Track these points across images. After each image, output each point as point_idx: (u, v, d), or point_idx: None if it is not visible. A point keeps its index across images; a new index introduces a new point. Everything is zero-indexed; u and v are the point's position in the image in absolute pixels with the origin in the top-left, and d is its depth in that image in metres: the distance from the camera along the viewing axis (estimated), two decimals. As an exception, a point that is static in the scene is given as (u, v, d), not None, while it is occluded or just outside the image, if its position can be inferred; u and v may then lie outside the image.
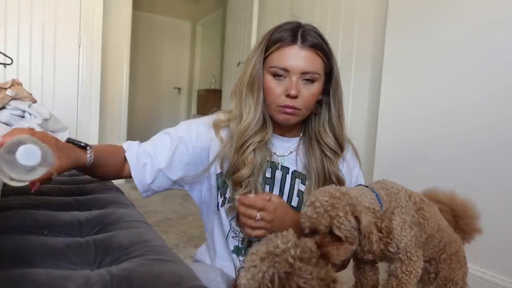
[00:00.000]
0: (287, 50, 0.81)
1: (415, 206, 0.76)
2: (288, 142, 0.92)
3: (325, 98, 0.88)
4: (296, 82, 0.80)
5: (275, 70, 0.81)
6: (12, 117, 1.63)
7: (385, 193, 0.76)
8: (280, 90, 0.82)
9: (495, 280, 1.45)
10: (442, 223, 0.81)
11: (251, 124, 0.84)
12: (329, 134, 0.88)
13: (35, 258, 0.52)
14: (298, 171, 0.90)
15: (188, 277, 0.50)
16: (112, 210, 0.74)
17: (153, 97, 5.48)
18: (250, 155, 0.84)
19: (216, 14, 5.09)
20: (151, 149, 0.88)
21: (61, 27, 2.62)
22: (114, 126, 3.26)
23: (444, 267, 0.82)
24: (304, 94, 0.82)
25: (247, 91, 0.85)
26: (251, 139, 0.84)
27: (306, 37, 0.81)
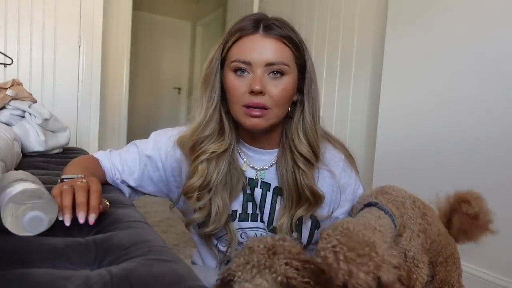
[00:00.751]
0: (248, 40, 0.71)
1: (419, 211, 0.75)
2: (269, 154, 0.82)
3: (300, 98, 0.77)
4: (261, 76, 0.70)
5: (236, 64, 0.71)
6: (12, 117, 1.63)
7: (394, 207, 0.71)
8: (244, 87, 0.71)
9: (495, 280, 1.45)
10: (441, 226, 0.81)
11: (200, 125, 0.74)
12: (302, 140, 0.76)
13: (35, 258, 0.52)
14: (279, 187, 0.81)
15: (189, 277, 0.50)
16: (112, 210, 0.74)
17: (153, 97, 5.48)
18: (202, 164, 0.74)
19: (216, 14, 5.09)
20: (120, 165, 0.85)
21: (61, 27, 2.62)
22: (114, 126, 3.26)
23: (441, 270, 0.82)
24: (272, 90, 0.70)
25: (201, 91, 0.76)
26: (203, 145, 0.74)
27: (270, 25, 0.71)
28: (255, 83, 0.69)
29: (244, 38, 0.71)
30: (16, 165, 1.24)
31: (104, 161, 0.86)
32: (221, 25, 4.75)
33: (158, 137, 0.85)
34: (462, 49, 1.58)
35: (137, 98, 5.03)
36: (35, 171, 1.13)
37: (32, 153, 1.56)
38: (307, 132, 0.76)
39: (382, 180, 1.93)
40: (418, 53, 1.78)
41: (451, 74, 1.63)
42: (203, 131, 0.74)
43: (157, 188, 0.87)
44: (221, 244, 0.85)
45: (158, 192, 0.89)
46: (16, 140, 1.40)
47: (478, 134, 1.51)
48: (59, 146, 1.72)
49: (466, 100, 1.56)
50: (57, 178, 1.12)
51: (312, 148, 0.76)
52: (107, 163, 0.85)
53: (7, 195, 0.53)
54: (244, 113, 0.72)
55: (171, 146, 0.83)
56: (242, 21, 0.73)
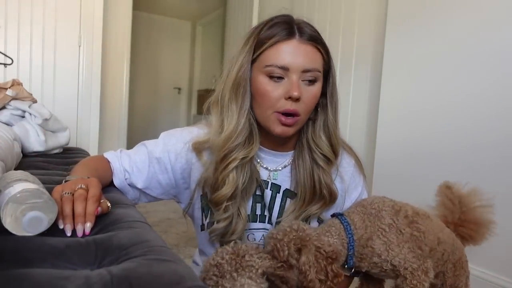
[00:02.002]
0: (285, 45, 0.70)
1: (406, 220, 0.74)
2: (282, 156, 0.82)
3: (322, 101, 0.77)
4: (298, 82, 0.69)
5: (271, 69, 0.70)
6: (12, 117, 1.63)
7: (360, 219, 0.74)
8: (279, 92, 0.70)
9: (495, 280, 1.45)
10: (442, 235, 0.79)
11: (233, 134, 0.72)
12: (323, 139, 0.77)
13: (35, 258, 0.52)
14: (290, 190, 0.82)
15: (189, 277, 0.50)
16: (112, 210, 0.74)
17: (153, 97, 5.48)
18: (232, 173, 0.73)
19: (216, 14, 5.09)
20: (129, 167, 0.82)
21: (61, 27, 2.62)
22: (114, 126, 3.25)
23: (450, 276, 0.81)
24: (305, 97, 0.71)
25: (231, 96, 0.73)
26: (233, 153, 0.72)
27: (303, 29, 0.71)
28: (294, 89, 0.68)
29: (280, 43, 0.70)
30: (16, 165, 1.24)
31: (114, 162, 0.82)
32: (221, 25, 4.75)
33: (167, 139, 0.83)
34: (462, 49, 1.58)
35: (137, 98, 5.03)
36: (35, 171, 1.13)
37: (32, 153, 1.56)
38: (330, 133, 0.77)
39: (382, 180, 1.93)
40: (418, 53, 1.78)
41: (451, 74, 1.63)
42: (235, 140, 0.72)
43: (164, 190, 0.85)
44: None
45: (165, 195, 0.87)
46: (16, 140, 1.40)
47: (478, 134, 1.51)
48: (59, 146, 1.72)
49: (466, 100, 1.56)
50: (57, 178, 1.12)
51: (332, 147, 0.77)
52: (117, 164, 0.82)
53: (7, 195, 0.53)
54: (275, 120, 0.71)
55: (181, 147, 0.80)
56: (274, 25, 0.72)
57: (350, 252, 0.73)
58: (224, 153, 0.73)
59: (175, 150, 0.80)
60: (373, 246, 0.71)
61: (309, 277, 0.62)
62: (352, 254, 0.73)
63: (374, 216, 0.73)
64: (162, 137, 0.85)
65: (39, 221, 0.53)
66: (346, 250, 0.72)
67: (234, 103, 0.73)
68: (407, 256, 0.70)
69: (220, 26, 4.91)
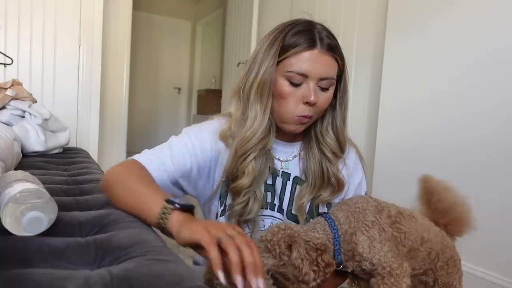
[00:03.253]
0: (307, 54, 0.76)
1: (389, 219, 0.76)
2: (291, 147, 0.89)
3: (332, 101, 0.84)
4: (315, 88, 0.77)
5: (292, 75, 0.76)
6: (12, 117, 1.63)
7: (344, 215, 0.77)
8: (297, 97, 0.77)
9: (495, 280, 1.45)
10: (428, 234, 0.79)
11: (256, 132, 0.78)
12: (330, 135, 0.85)
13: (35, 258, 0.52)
14: (299, 178, 0.87)
15: (188, 277, 0.50)
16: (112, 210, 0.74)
17: (153, 97, 5.48)
18: (251, 163, 0.79)
19: (216, 14, 5.09)
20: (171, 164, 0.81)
21: (61, 27, 2.62)
22: (114, 126, 3.25)
23: (442, 274, 0.82)
24: (320, 101, 0.78)
25: (256, 96, 0.79)
26: (252, 145, 0.79)
27: (324, 39, 0.77)
28: (311, 95, 0.76)
29: (303, 52, 0.76)
30: (16, 165, 1.24)
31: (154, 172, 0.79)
32: (221, 25, 4.76)
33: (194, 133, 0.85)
34: (462, 49, 1.58)
35: (137, 98, 5.03)
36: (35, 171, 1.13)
37: (32, 153, 1.56)
38: (337, 131, 0.85)
39: (382, 179, 1.93)
40: (418, 53, 1.78)
41: (451, 74, 1.63)
42: (257, 137, 0.79)
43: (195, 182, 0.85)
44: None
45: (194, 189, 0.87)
46: (16, 140, 1.40)
47: (478, 133, 1.51)
48: (59, 146, 1.72)
49: (466, 100, 1.56)
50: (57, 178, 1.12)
51: (339, 143, 0.85)
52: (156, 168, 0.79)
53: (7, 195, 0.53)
54: (294, 121, 0.79)
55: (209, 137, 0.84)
56: (298, 33, 0.77)
57: (337, 247, 0.75)
58: (246, 149, 0.79)
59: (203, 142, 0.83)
60: (356, 242, 0.73)
61: (303, 270, 0.65)
62: (339, 249, 0.75)
63: (358, 213, 0.76)
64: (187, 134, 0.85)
65: (39, 221, 0.53)
66: (332, 245, 0.75)
67: (258, 103, 0.79)
68: (387, 255, 0.71)
69: (220, 26, 4.91)
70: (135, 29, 3.81)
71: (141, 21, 4.95)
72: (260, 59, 0.79)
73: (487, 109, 1.48)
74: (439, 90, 1.68)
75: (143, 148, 0.88)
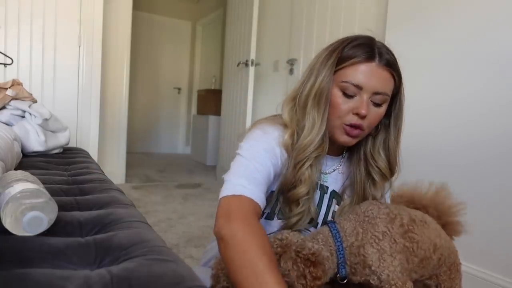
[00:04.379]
0: (364, 66, 0.76)
1: (401, 229, 0.73)
2: (332, 160, 0.88)
3: (385, 120, 0.83)
4: (368, 101, 0.76)
5: (346, 85, 0.76)
6: (12, 117, 1.63)
7: (351, 226, 0.72)
8: (348, 107, 0.77)
9: (495, 280, 1.45)
10: (439, 240, 0.78)
11: (314, 140, 0.78)
12: (382, 157, 0.84)
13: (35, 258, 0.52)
14: (336, 192, 0.87)
15: (188, 277, 0.50)
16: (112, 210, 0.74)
17: (153, 97, 5.48)
18: (307, 171, 0.79)
19: (216, 14, 5.09)
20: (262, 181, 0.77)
21: (61, 27, 2.62)
22: (114, 126, 3.26)
23: (445, 279, 0.81)
24: (371, 115, 0.77)
25: (313, 104, 0.79)
26: (309, 154, 0.78)
27: (383, 54, 0.78)
28: (363, 108, 0.75)
29: (360, 63, 0.76)
30: (16, 165, 1.24)
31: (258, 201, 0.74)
32: (221, 25, 4.76)
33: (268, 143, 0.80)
34: (463, 49, 1.58)
35: (137, 98, 5.03)
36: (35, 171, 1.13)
37: (32, 153, 1.56)
38: (390, 152, 0.84)
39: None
40: (418, 53, 1.78)
41: (451, 74, 1.63)
42: (315, 144, 0.78)
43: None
44: None
45: None
46: (16, 140, 1.40)
47: (479, 133, 1.51)
48: (59, 146, 1.72)
49: (467, 100, 1.56)
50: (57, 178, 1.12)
51: (390, 165, 0.85)
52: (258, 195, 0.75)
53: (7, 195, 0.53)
54: (342, 130, 0.78)
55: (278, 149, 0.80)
56: (358, 45, 0.79)
57: (340, 260, 0.71)
58: (303, 157, 0.78)
59: (275, 154, 0.80)
60: (365, 254, 0.70)
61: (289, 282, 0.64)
62: (343, 262, 0.71)
63: (367, 223, 0.72)
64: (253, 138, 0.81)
65: (39, 221, 0.53)
66: (335, 258, 0.71)
67: (316, 112, 0.78)
68: (396, 269, 0.69)
69: (220, 26, 4.92)
70: (135, 29, 3.82)
71: (141, 21, 4.96)
72: (317, 69, 0.80)
73: (488, 109, 1.48)
74: (439, 90, 1.68)
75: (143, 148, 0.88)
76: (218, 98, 4.04)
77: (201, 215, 2.53)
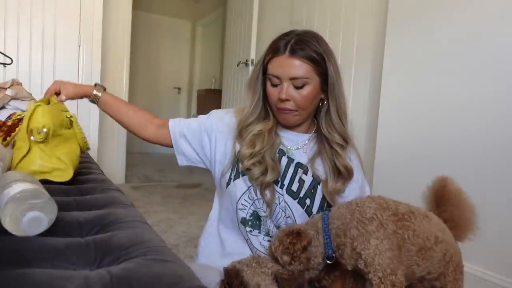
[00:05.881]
0: (277, 59, 0.91)
1: (394, 217, 0.74)
2: (298, 136, 1.01)
3: (325, 96, 0.96)
4: (287, 87, 0.91)
5: (270, 77, 0.93)
6: (12, 117, 1.63)
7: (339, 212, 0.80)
8: (276, 94, 0.93)
9: (495, 280, 1.45)
10: (442, 235, 0.78)
11: (250, 115, 0.97)
12: (334, 130, 0.96)
13: (35, 258, 0.52)
14: (301, 163, 0.99)
15: (188, 277, 0.50)
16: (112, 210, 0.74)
17: (153, 97, 5.48)
18: (250, 138, 0.95)
19: (216, 14, 5.09)
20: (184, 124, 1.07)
21: (61, 27, 2.62)
22: (114, 126, 3.25)
23: (451, 280, 0.80)
24: (295, 97, 0.91)
25: (248, 90, 1.00)
26: (250, 127, 0.96)
27: (295, 49, 0.90)
28: (282, 94, 0.91)
29: (275, 57, 0.92)
30: (16, 165, 1.24)
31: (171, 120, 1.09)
32: (221, 25, 4.75)
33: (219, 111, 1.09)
34: (463, 49, 1.58)
35: (137, 98, 5.02)
36: (35, 171, 1.13)
37: (32, 153, 1.55)
38: (334, 125, 0.96)
39: (382, 180, 1.93)
40: (418, 53, 1.78)
41: (452, 74, 1.63)
42: (251, 116, 0.97)
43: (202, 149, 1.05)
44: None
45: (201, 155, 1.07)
46: (16, 140, 1.40)
47: (478, 134, 1.51)
48: (59, 146, 1.71)
49: (467, 100, 1.56)
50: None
51: (342, 136, 0.97)
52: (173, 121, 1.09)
53: (6, 195, 0.53)
54: (277, 111, 0.96)
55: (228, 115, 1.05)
56: (276, 41, 0.94)
57: (327, 241, 0.77)
58: (242, 126, 0.98)
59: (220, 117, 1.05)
60: (351, 237, 0.74)
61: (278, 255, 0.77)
62: (329, 242, 0.77)
63: (356, 210, 0.76)
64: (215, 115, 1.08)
65: (39, 221, 0.53)
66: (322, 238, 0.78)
67: (251, 95, 0.99)
68: (384, 254, 0.69)
69: (220, 26, 4.91)
70: (135, 29, 3.81)
71: (141, 21, 4.95)
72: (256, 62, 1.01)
73: (488, 109, 1.48)
74: (439, 91, 1.68)
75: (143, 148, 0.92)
76: (218, 98, 4.04)
77: (201, 215, 2.53)
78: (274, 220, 0.96)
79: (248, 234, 0.97)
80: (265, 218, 0.96)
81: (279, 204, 0.95)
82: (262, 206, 0.96)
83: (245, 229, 0.97)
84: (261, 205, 0.96)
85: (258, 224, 0.97)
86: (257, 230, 0.97)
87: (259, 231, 0.97)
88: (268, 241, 0.97)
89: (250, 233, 0.97)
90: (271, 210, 0.95)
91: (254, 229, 0.97)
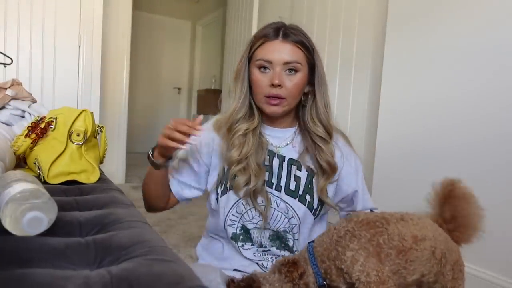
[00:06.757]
0: (270, 44, 0.89)
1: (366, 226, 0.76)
2: (283, 132, 0.99)
3: (311, 89, 0.95)
4: (279, 72, 0.88)
5: (260, 62, 0.90)
6: (12, 117, 1.63)
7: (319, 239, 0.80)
8: (266, 81, 0.89)
9: (495, 280, 1.45)
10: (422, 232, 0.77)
11: (235, 109, 0.93)
12: (317, 123, 0.94)
13: (35, 258, 0.52)
14: (293, 159, 0.97)
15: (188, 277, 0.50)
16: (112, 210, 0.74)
17: (153, 97, 5.48)
18: (238, 139, 0.92)
19: (216, 14, 5.09)
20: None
21: (61, 27, 2.62)
22: (114, 126, 3.26)
23: (449, 280, 0.79)
24: (287, 84, 0.89)
25: (234, 83, 0.96)
26: (237, 125, 0.93)
27: (287, 33, 0.89)
28: (275, 78, 0.87)
29: (267, 42, 0.90)
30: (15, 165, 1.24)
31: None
32: (221, 25, 4.75)
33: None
34: (463, 49, 1.58)
35: (137, 98, 5.03)
36: (35, 171, 1.13)
37: (32, 153, 1.55)
38: (320, 117, 0.94)
39: (382, 180, 1.93)
40: (419, 53, 1.78)
41: (451, 74, 1.63)
42: (237, 114, 0.93)
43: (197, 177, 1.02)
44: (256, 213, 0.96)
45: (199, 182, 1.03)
46: (16, 140, 1.40)
47: (478, 133, 1.51)
48: (59, 146, 1.71)
49: (467, 100, 1.56)
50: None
51: (326, 129, 0.94)
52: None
53: (6, 195, 0.53)
54: (265, 102, 0.91)
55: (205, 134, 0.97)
56: (266, 28, 0.92)
57: (315, 270, 0.78)
58: (229, 124, 0.93)
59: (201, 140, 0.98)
60: (332, 258, 0.75)
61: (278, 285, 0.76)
62: (318, 271, 0.77)
63: (333, 233, 0.78)
64: None
65: (39, 221, 0.53)
66: (311, 268, 0.78)
67: (237, 88, 0.94)
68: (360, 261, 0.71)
69: (220, 26, 4.91)
70: (135, 29, 3.81)
71: (141, 21, 4.95)
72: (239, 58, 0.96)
73: (488, 110, 1.48)
74: (439, 90, 1.68)
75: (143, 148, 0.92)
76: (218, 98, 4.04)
77: (201, 215, 2.53)
78: (272, 225, 0.93)
79: (240, 248, 0.95)
80: (254, 230, 0.93)
81: (278, 207, 0.93)
82: (251, 219, 0.93)
83: (237, 244, 0.95)
84: (250, 218, 0.93)
85: (249, 237, 0.94)
86: (250, 243, 0.94)
87: (252, 244, 0.94)
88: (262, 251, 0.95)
89: (242, 247, 0.94)
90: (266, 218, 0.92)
91: (245, 242, 0.94)
